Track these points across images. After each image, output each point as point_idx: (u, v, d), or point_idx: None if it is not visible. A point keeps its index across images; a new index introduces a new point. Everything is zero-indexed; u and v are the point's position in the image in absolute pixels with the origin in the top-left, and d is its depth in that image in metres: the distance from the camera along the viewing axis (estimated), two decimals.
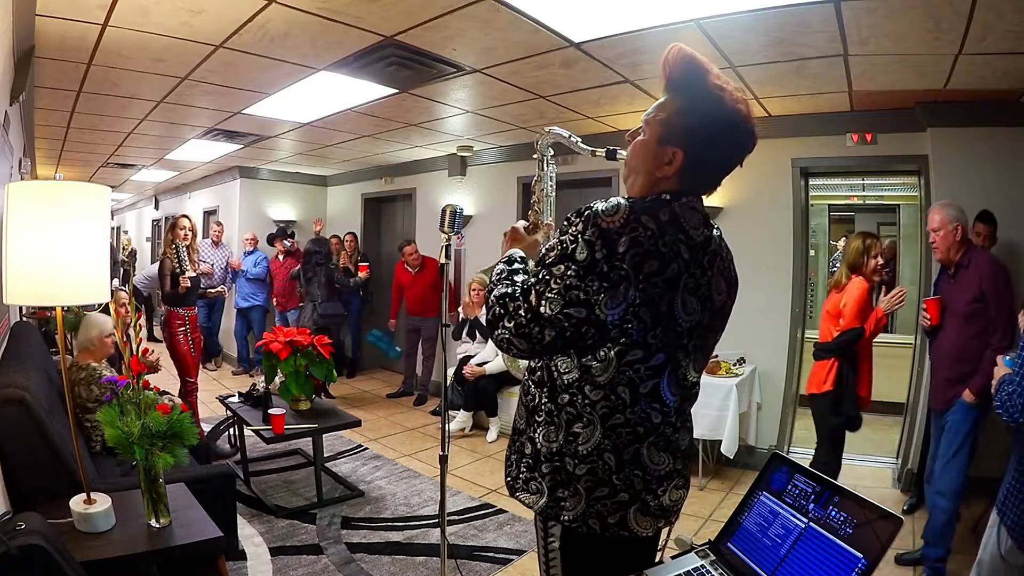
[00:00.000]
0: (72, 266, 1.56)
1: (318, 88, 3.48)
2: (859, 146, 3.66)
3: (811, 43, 2.56)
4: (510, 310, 1.08)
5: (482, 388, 4.60)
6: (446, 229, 1.78)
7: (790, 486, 1.05)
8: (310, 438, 3.37)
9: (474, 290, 4.83)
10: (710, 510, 3.35)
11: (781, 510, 1.04)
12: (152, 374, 2.77)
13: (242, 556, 2.67)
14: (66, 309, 2.70)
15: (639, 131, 1.17)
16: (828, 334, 2.93)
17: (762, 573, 1.00)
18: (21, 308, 3.66)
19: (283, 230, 6.62)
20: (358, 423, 3.56)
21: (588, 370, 1.07)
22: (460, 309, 5.26)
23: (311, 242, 6.15)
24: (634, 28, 2.48)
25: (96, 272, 1.62)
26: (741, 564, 1.05)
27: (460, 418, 4.68)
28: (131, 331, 1.77)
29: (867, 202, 6.05)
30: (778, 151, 3.86)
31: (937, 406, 2.73)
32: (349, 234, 6.44)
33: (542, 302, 1.04)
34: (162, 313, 3.82)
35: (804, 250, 3.96)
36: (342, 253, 6.21)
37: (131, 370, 1.71)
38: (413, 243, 5.66)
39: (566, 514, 1.10)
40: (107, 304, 2.60)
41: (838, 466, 2.97)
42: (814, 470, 1.06)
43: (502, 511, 3.26)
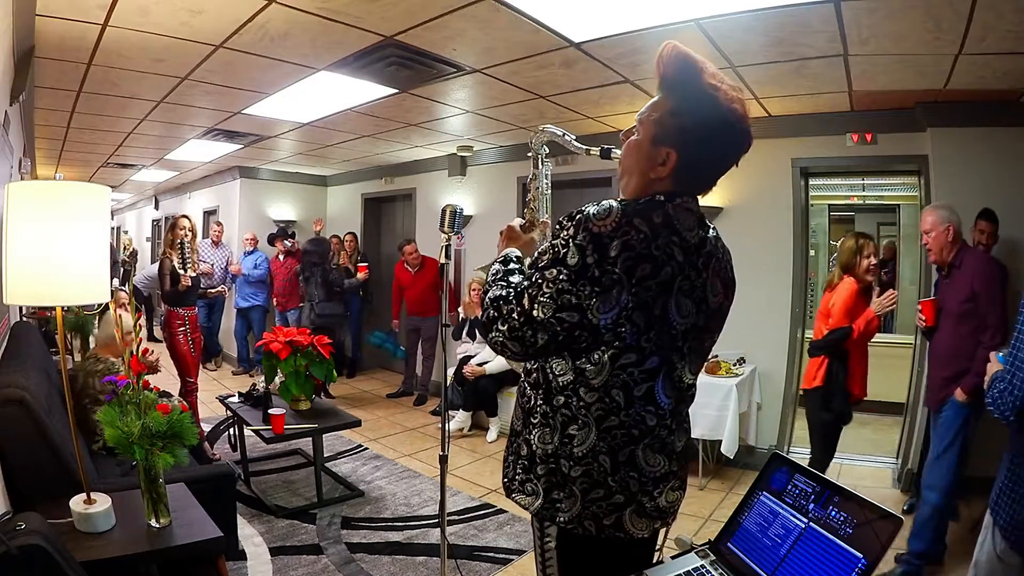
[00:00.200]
0: (72, 266, 1.56)
1: (318, 88, 3.48)
2: (859, 146, 3.66)
3: (811, 43, 2.56)
4: (504, 313, 1.08)
5: (482, 388, 4.60)
6: (446, 229, 1.78)
7: (790, 486, 1.05)
8: (310, 438, 3.37)
9: (474, 290, 4.83)
10: (710, 510, 3.35)
11: (781, 510, 1.04)
12: (152, 374, 2.78)
13: (242, 556, 2.67)
14: (66, 309, 2.71)
15: (633, 130, 1.15)
16: (820, 332, 2.97)
17: (762, 573, 1.00)
18: (21, 308, 3.66)
19: (283, 230, 6.63)
20: (358, 423, 3.56)
21: (582, 372, 1.06)
22: (460, 309, 5.26)
23: (308, 242, 6.15)
24: (634, 28, 2.48)
25: (96, 272, 1.62)
26: (741, 564, 1.04)
27: (459, 418, 4.68)
28: (132, 331, 1.77)
29: (867, 202, 6.05)
30: (778, 151, 3.86)
31: (932, 405, 2.78)
32: (349, 234, 6.45)
33: (535, 306, 1.04)
34: (162, 313, 3.82)
35: (804, 250, 3.97)
36: (341, 253, 6.21)
37: (131, 370, 1.71)
38: (413, 243, 5.67)
39: (562, 515, 1.10)
40: (107, 304, 2.62)
41: (827, 462, 2.99)
42: (812, 469, 1.06)
43: (502, 511, 3.26)
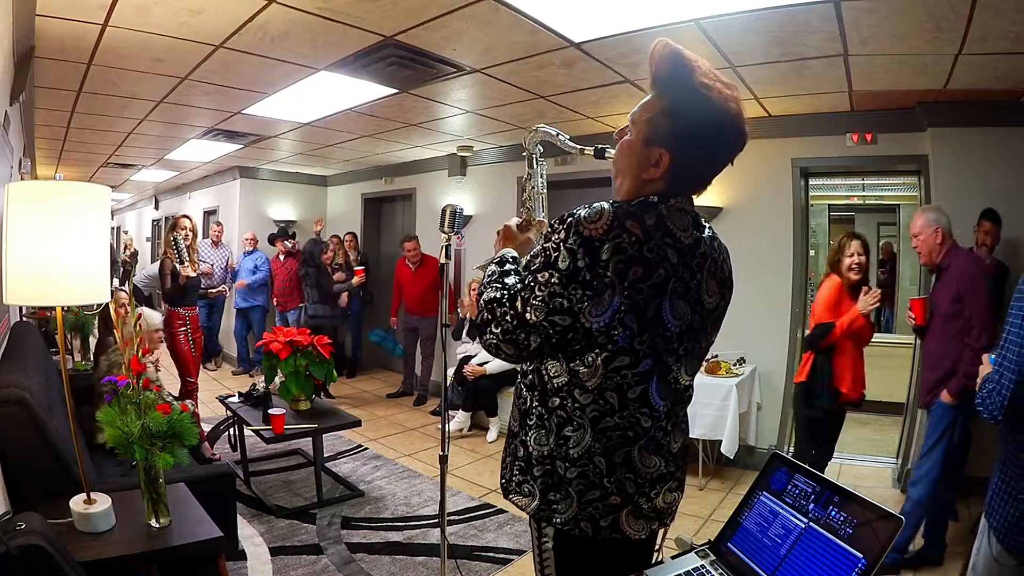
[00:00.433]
0: (72, 266, 1.56)
1: (318, 88, 3.48)
2: (859, 146, 3.66)
3: (811, 43, 2.56)
4: (497, 315, 1.08)
5: (482, 388, 4.60)
6: (446, 229, 1.78)
7: (790, 486, 1.05)
8: (310, 438, 3.37)
9: (473, 290, 4.83)
10: (710, 510, 3.35)
11: (781, 510, 1.04)
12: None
13: (242, 556, 2.67)
14: (66, 309, 2.70)
15: (626, 130, 1.14)
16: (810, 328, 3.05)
17: (762, 573, 1.00)
18: (21, 308, 3.66)
19: (284, 230, 6.63)
20: (358, 423, 3.56)
21: (576, 374, 1.06)
22: (460, 309, 5.26)
23: (308, 242, 6.17)
24: (634, 28, 2.48)
25: (96, 272, 1.62)
26: (741, 564, 1.04)
27: (459, 418, 4.68)
28: (131, 331, 1.77)
29: (867, 202, 6.05)
30: (778, 151, 3.86)
31: (922, 405, 2.80)
32: (349, 234, 6.45)
33: (527, 309, 1.04)
34: (163, 313, 3.83)
35: (804, 250, 3.96)
36: (340, 252, 6.21)
37: (131, 370, 1.71)
38: (415, 239, 5.60)
39: (558, 517, 1.10)
40: (107, 304, 2.62)
41: (815, 460, 3.00)
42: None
43: (502, 511, 3.26)
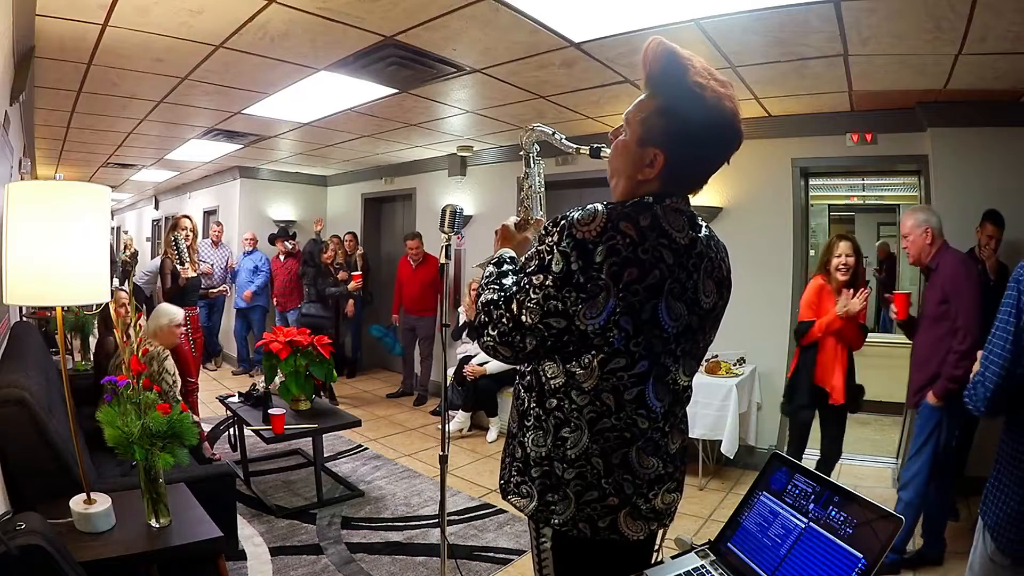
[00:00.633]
0: (72, 266, 1.56)
1: (318, 88, 3.48)
2: (859, 146, 3.65)
3: (811, 43, 2.56)
4: (494, 318, 1.08)
5: (482, 388, 4.59)
6: (446, 229, 1.78)
7: (790, 486, 1.05)
8: (310, 438, 3.37)
9: (473, 290, 4.83)
10: (710, 510, 3.35)
11: (781, 510, 1.04)
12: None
13: (242, 556, 2.67)
14: (66, 309, 2.71)
15: (621, 129, 1.13)
16: None
17: (762, 573, 1.00)
18: (21, 308, 3.66)
19: (284, 230, 6.63)
20: (358, 423, 3.56)
21: (573, 376, 1.06)
22: (460, 309, 5.25)
23: (308, 242, 6.19)
24: (634, 28, 2.48)
25: (96, 272, 1.62)
26: (741, 564, 1.04)
27: (458, 419, 4.67)
28: (131, 331, 1.77)
29: (867, 202, 6.05)
30: (778, 151, 3.86)
31: (910, 405, 2.79)
32: (349, 234, 6.44)
33: (523, 311, 1.04)
34: None
35: (804, 250, 3.96)
36: (339, 251, 6.20)
37: (131, 370, 1.71)
38: (417, 236, 5.57)
39: (556, 518, 1.10)
40: (107, 304, 2.62)
41: (796, 455, 3.01)
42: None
43: (502, 511, 3.26)
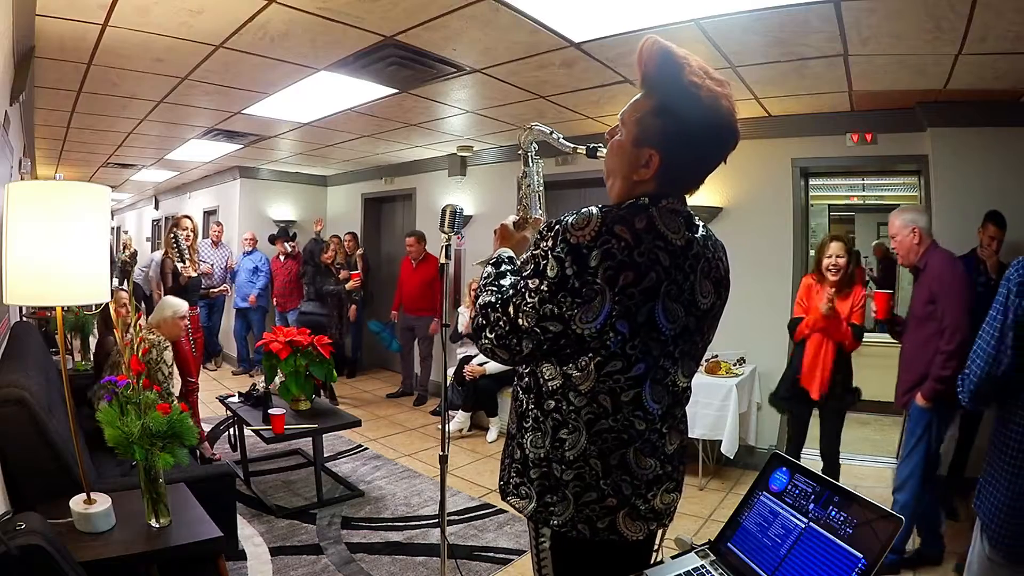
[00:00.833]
0: (72, 266, 1.56)
1: (318, 88, 3.48)
2: (859, 146, 3.65)
3: (811, 43, 2.56)
4: (491, 320, 1.08)
5: (482, 388, 4.59)
6: (446, 229, 1.78)
7: (790, 486, 1.05)
8: (310, 438, 3.37)
9: (473, 289, 4.82)
10: (710, 510, 3.35)
11: (781, 510, 1.04)
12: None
13: (242, 556, 2.67)
14: (66, 309, 2.71)
15: (617, 129, 1.13)
16: None
17: (762, 573, 1.00)
18: (21, 308, 3.66)
19: (284, 230, 6.62)
20: (358, 423, 3.56)
21: (570, 378, 1.06)
22: (460, 310, 5.24)
23: (308, 241, 6.19)
24: (634, 28, 2.48)
25: (96, 272, 1.62)
26: (741, 564, 1.04)
27: (458, 419, 4.68)
28: (131, 331, 1.77)
29: (867, 202, 6.06)
30: (778, 151, 3.86)
31: (899, 406, 2.78)
32: (348, 234, 6.43)
33: (519, 315, 1.04)
34: None
35: (804, 250, 3.96)
36: (339, 252, 6.20)
37: (131, 370, 1.71)
38: (415, 234, 5.58)
39: (555, 519, 1.10)
40: (107, 304, 2.62)
41: (791, 450, 3.09)
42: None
43: (502, 511, 3.26)
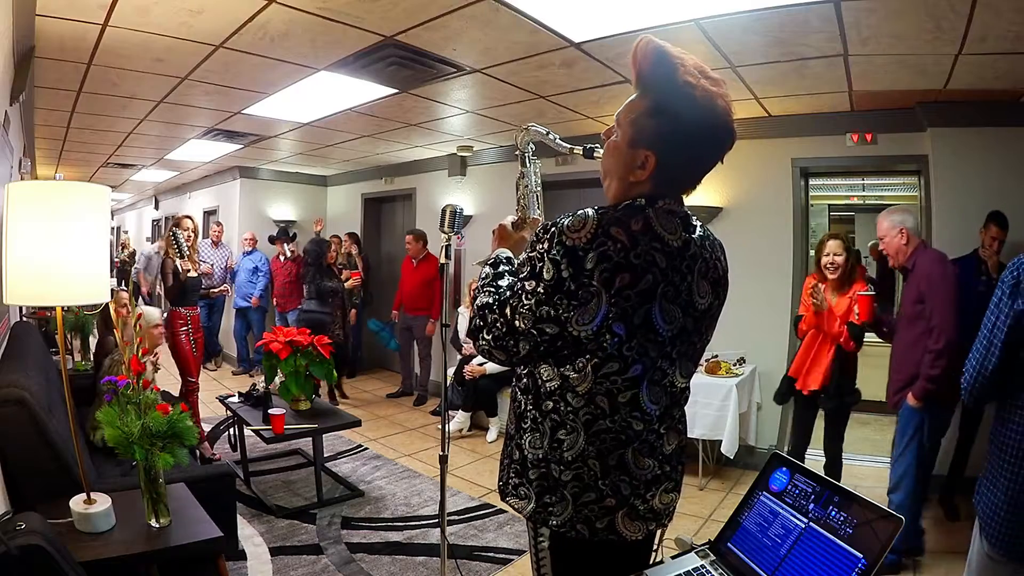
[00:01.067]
0: (72, 266, 1.56)
1: (318, 88, 3.48)
2: (859, 146, 3.65)
3: (811, 43, 2.56)
4: (488, 322, 1.09)
5: (482, 388, 4.59)
6: (446, 229, 1.78)
7: (790, 486, 1.05)
8: (310, 438, 3.37)
9: (473, 290, 4.81)
10: (710, 510, 3.35)
11: (781, 510, 1.04)
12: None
13: (242, 556, 2.67)
14: (66, 309, 2.71)
15: (613, 130, 1.13)
16: None
17: (762, 573, 1.00)
18: (21, 308, 3.66)
19: (284, 230, 6.61)
20: (358, 423, 3.56)
21: (567, 379, 1.06)
22: (460, 310, 5.24)
23: (308, 243, 6.16)
24: (634, 28, 2.48)
25: (96, 272, 1.62)
26: (741, 564, 1.04)
27: (458, 419, 4.68)
28: (131, 331, 1.77)
29: (867, 202, 6.05)
30: (778, 151, 3.86)
31: (890, 406, 2.79)
32: (347, 235, 6.43)
33: (516, 316, 1.05)
34: (163, 313, 3.83)
35: (804, 250, 3.96)
36: (339, 253, 6.20)
37: (131, 370, 1.71)
38: (413, 233, 5.57)
39: (554, 519, 1.10)
40: (107, 304, 2.62)
41: (797, 449, 3.14)
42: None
43: (502, 511, 3.25)
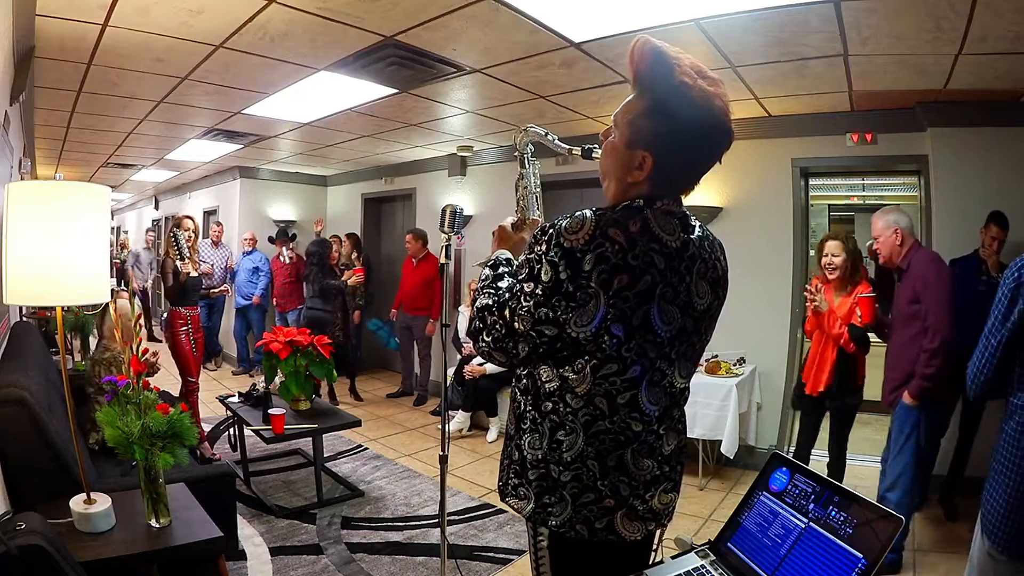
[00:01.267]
0: (72, 266, 1.56)
1: (318, 88, 3.48)
2: (859, 146, 3.65)
3: (811, 43, 2.55)
4: (488, 324, 1.09)
5: (482, 388, 4.59)
6: (446, 229, 1.78)
7: (790, 486, 1.06)
8: (310, 438, 3.37)
9: (473, 290, 4.81)
10: (710, 510, 3.35)
11: (781, 510, 1.04)
12: (152, 375, 2.78)
13: (242, 556, 2.67)
14: (66, 309, 2.72)
15: (611, 131, 1.13)
16: None
17: (762, 573, 1.00)
18: (21, 308, 3.66)
19: (284, 231, 6.60)
20: (358, 423, 3.56)
21: (566, 380, 1.07)
22: (461, 309, 5.24)
23: (311, 243, 6.15)
24: (634, 28, 2.48)
25: (96, 272, 1.62)
26: (741, 564, 1.04)
27: (458, 419, 4.68)
28: (131, 332, 1.77)
29: (867, 202, 6.03)
30: (778, 151, 3.86)
31: (885, 405, 2.79)
32: (347, 235, 6.42)
33: (515, 318, 1.05)
34: (163, 313, 3.82)
35: (804, 250, 3.96)
36: (341, 252, 6.19)
37: (131, 370, 1.71)
38: (412, 232, 5.57)
39: (553, 519, 1.10)
40: (107, 304, 2.63)
41: (799, 450, 3.13)
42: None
43: (502, 511, 3.25)
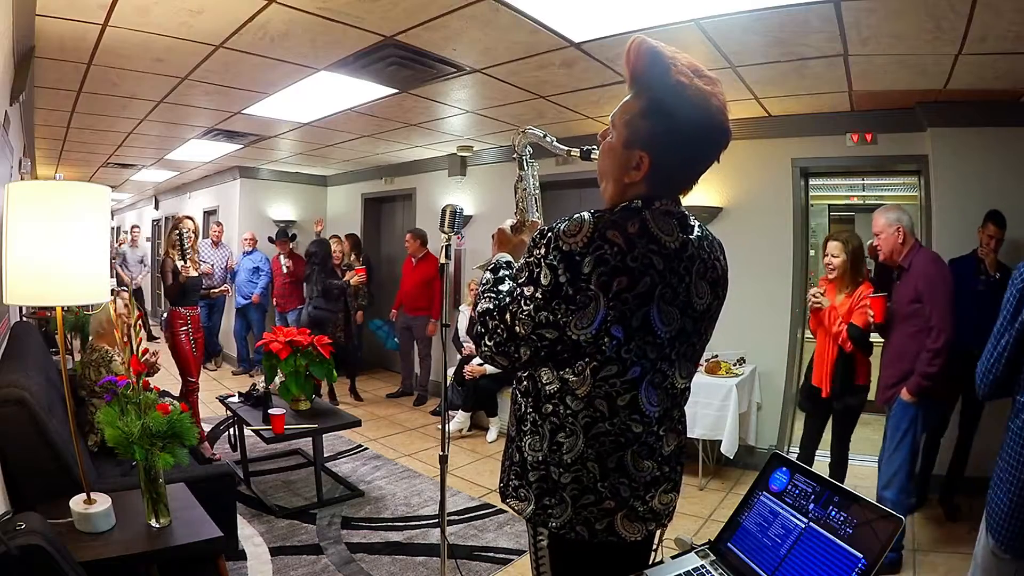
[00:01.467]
0: (72, 266, 1.56)
1: (318, 88, 3.48)
2: (859, 146, 3.65)
3: (811, 43, 2.55)
4: (489, 328, 1.09)
5: (482, 388, 4.59)
6: (446, 229, 1.78)
7: (790, 486, 1.05)
8: (310, 438, 3.37)
9: (473, 291, 4.83)
10: (710, 510, 3.35)
11: (781, 510, 1.04)
12: (152, 375, 2.79)
13: (242, 556, 2.67)
14: (66, 309, 2.71)
15: (608, 131, 1.13)
16: None
17: (762, 573, 1.00)
18: (21, 308, 3.66)
19: (284, 231, 6.60)
20: (358, 423, 3.56)
21: (567, 382, 1.07)
22: (461, 308, 5.24)
23: (311, 243, 6.15)
24: (634, 28, 2.47)
25: (96, 272, 1.62)
26: (741, 564, 1.04)
27: (458, 419, 4.68)
28: (131, 331, 1.78)
29: (867, 202, 6.03)
30: (778, 151, 3.86)
31: (880, 403, 2.79)
32: (347, 236, 6.42)
33: (516, 322, 1.05)
34: (163, 313, 3.82)
35: (804, 250, 3.96)
36: (343, 252, 6.19)
37: (131, 370, 1.71)
38: (412, 232, 5.57)
39: (554, 521, 1.10)
40: (107, 304, 2.64)
41: (802, 452, 3.10)
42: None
43: (502, 511, 3.25)
